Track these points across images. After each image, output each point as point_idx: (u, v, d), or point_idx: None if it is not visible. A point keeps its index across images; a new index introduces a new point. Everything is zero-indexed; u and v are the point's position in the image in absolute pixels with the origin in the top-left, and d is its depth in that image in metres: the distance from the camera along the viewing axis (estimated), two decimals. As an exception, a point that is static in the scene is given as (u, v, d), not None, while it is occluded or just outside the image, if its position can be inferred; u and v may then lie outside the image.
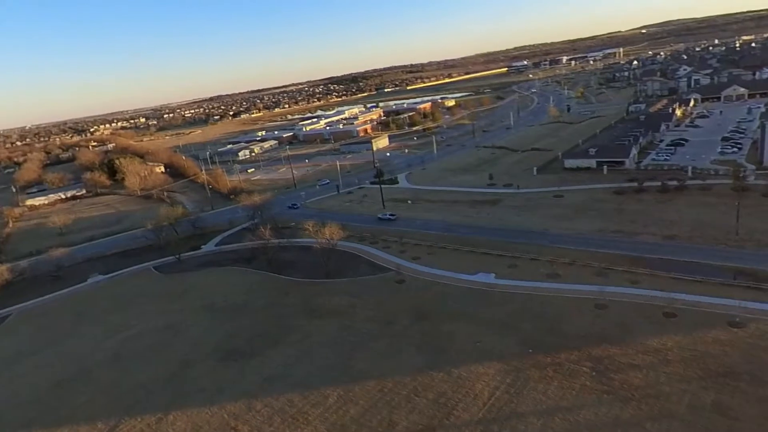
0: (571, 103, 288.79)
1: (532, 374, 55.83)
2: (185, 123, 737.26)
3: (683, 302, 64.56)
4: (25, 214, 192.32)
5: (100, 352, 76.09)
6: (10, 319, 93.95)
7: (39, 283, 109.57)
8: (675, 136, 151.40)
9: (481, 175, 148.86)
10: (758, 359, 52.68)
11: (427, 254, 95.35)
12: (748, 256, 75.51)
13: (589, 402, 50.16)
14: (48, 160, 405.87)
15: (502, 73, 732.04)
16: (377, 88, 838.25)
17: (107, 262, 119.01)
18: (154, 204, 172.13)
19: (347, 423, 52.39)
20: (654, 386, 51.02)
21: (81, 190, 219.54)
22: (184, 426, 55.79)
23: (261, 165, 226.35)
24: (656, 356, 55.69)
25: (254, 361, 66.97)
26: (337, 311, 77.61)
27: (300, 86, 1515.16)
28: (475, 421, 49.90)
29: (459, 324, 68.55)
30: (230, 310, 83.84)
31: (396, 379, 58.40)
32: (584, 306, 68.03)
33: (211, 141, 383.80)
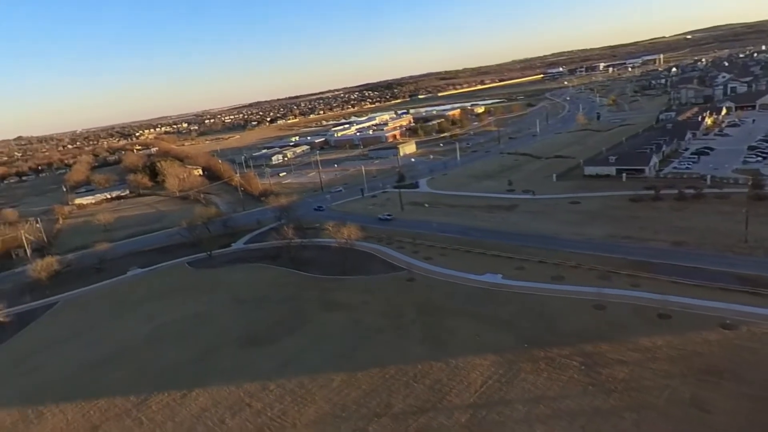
0: (603, 111, 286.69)
1: (525, 366, 59.46)
2: (225, 128, 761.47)
3: (679, 304, 66.79)
4: (74, 212, 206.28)
5: (135, 336, 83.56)
6: (57, 306, 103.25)
7: (84, 274, 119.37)
8: (701, 145, 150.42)
9: (501, 181, 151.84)
10: (743, 359, 54.82)
11: (439, 255, 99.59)
12: (753, 263, 76.62)
13: (574, 393, 53.51)
14: (96, 162, 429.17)
15: (536, 80, 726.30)
16: (410, 94, 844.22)
17: (145, 257, 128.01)
18: (190, 204, 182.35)
19: (348, 403, 57.34)
20: (638, 380, 53.95)
21: (125, 191, 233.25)
22: (205, 401, 61.97)
23: (292, 169, 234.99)
24: (645, 354, 58.43)
25: (271, 348, 72.81)
26: (349, 305, 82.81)
27: (336, 93, 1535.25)
28: (466, 406, 53.99)
29: (462, 320, 72.59)
30: (253, 302, 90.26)
31: (397, 367, 62.99)
32: (583, 306, 70.94)
33: (248, 146, 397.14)
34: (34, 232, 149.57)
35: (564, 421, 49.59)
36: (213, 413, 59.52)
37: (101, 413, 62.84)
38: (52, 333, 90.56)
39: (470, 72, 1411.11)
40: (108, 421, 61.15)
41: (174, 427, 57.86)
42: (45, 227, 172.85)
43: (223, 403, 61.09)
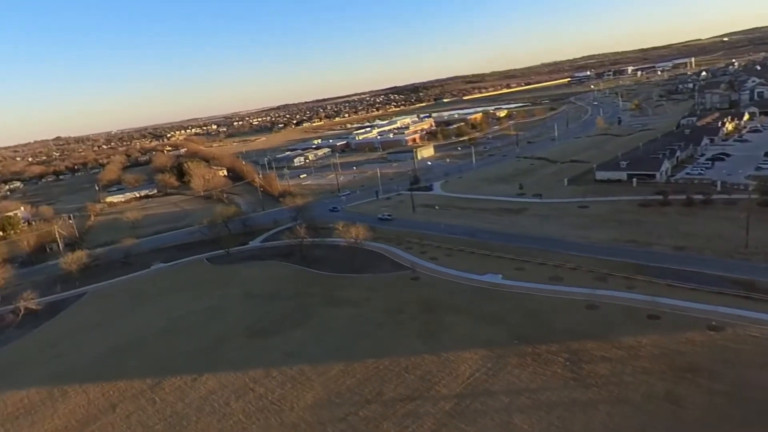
0: (625, 116, 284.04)
1: (512, 361, 62.29)
2: (252, 130, 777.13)
3: (669, 306, 68.61)
4: (105, 209, 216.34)
5: (154, 326, 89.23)
6: (85, 297, 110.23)
7: (111, 268, 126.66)
8: (718, 151, 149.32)
9: (514, 184, 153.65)
10: (723, 358, 56.51)
11: (445, 256, 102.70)
12: (750, 268, 77.52)
13: (555, 386, 56.16)
14: (128, 162, 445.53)
15: (563, 84, 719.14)
16: (435, 98, 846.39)
17: (168, 253, 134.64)
18: (213, 204, 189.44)
19: (343, 390, 61.19)
20: (618, 376, 56.24)
21: (153, 190, 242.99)
22: (212, 385, 66.72)
23: (312, 171, 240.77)
24: (628, 352, 60.58)
25: (277, 339, 77.23)
26: (353, 301, 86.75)
27: (362, 96, 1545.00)
28: (452, 395, 57.19)
29: (459, 317, 75.65)
30: (264, 296, 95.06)
31: (392, 358, 66.55)
32: (576, 306, 73.18)
33: (273, 148, 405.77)
34: (66, 228, 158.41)
35: (542, 411, 52.35)
36: (219, 396, 64.17)
37: (119, 393, 68.26)
38: (79, 321, 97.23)
39: (497, 75, 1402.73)
40: (125, 400, 66.47)
41: (183, 407, 62.68)
42: (77, 223, 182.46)
43: (229, 387, 65.70)
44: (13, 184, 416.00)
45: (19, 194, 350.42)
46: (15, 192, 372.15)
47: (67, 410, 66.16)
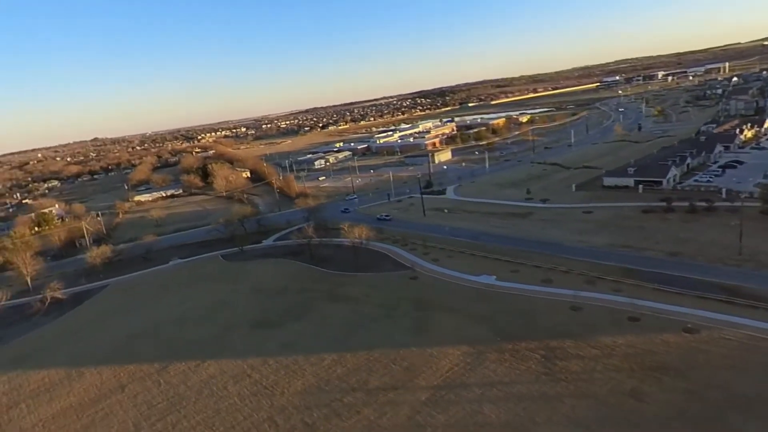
0: (647, 122, 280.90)
1: (491, 356, 65.49)
2: (279, 133, 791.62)
3: (650, 309, 70.57)
4: (133, 207, 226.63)
5: (168, 316, 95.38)
6: (107, 288, 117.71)
7: (133, 263, 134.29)
8: (731, 158, 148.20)
9: (523, 189, 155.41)
10: (692, 359, 58.55)
11: (446, 257, 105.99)
12: (738, 274, 78.58)
13: (527, 380, 59.19)
14: (158, 163, 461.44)
15: (590, 89, 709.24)
16: (461, 102, 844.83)
17: (187, 250, 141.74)
18: (234, 204, 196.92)
19: (332, 379, 65.49)
20: (588, 373, 58.91)
21: (178, 190, 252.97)
22: (213, 371, 71.94)
23: (331, 174, 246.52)
24: (603, 350, 63.07)
25: (278, 331, 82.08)
26: (353, 298, 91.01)
27: (390, 99, 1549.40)
28: (430, 386, 60.81)
29: (449, 314, 79.06)
30: (271, 291, 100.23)
31: (381, 351, 70.51)
32: (561, 307, 75.74)
33: (297, 150, 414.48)
34: (94, 225, 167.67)
35: (511, 402, 55.51)
36: (218, 380, 69.31)
37: (129, 375, 74.21)
38: (100, 311, 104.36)
39: (526, 80, 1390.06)
40: (134, 382, 72.32)
41: (185, 389, 68.04)
42: (106, 221, 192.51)
43: (228, 373, 70.81)
44: (51, 182, 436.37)
45: (56, 192, 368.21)
46: (53, 190, 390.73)
47: (81, 389, 72.42)
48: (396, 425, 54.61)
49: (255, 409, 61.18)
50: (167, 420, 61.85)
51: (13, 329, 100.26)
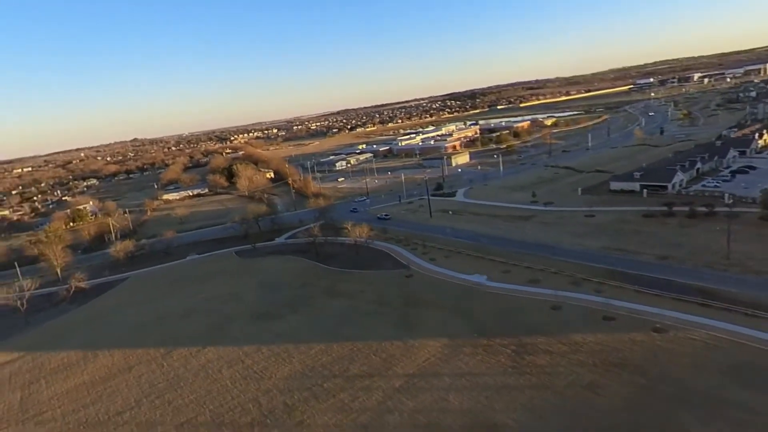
0: (673, 126, 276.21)
1: (466, 350, 69.12)
2: (308, 134, 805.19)
3: (626, 309, 72.89)
4: (161, 205, 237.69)
5: (178, 306, 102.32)
6: (127, 281, 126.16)
7: (153, 257, 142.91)
8: (745, 164, 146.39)
9: (533, 193, 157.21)
10: (653, 357, 60.88)
11: (443, 257, 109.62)
12: (719, 278, 79.62)
13: (494, 372, 62.69)
14: (190, 163, 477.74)
15: (623, 91, 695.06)
16: (490, 105, 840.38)
17: (204, 246, 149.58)
18: (255, 203, 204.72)
19: (316, 366, 70.42)
20: (552, 367, 61.95)
21: (204, 189, 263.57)
22: (211, 356, 77.92)
23: (350, 175, 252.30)
24: (571, 347, 65.88)
25: (275, 322, 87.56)
26: (349, 293, 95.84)
27: (421, 101, 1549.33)
28: (405, 375, 64.97)
29: (435, 311, 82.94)
30: (275, 286, 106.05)
31: (365, 342, 75.01)
32: (542, 306, 78.59)
33: (323, 152, 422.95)
34: (122, 221, 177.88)
35: (475, 392, 59.17)
36: (215, 365, 75.21)
37: (137, 358, 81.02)
38: (119, 300, 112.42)
39: (559, 82, 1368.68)
40: (140, 364, 79.04)
41: (184, 372, 74.20)
42: (135, 218, 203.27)
43: (224, 359, 76.67)
44: (90, 181, 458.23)
45: (94, 190, 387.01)
46: (91, 188, 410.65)
47: (94, 369, 79.62)
48: (366, 408, 59.03)
49: (243, 391, 66.67)
50: (165, 397, 68.00)
51: (42, 315, 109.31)
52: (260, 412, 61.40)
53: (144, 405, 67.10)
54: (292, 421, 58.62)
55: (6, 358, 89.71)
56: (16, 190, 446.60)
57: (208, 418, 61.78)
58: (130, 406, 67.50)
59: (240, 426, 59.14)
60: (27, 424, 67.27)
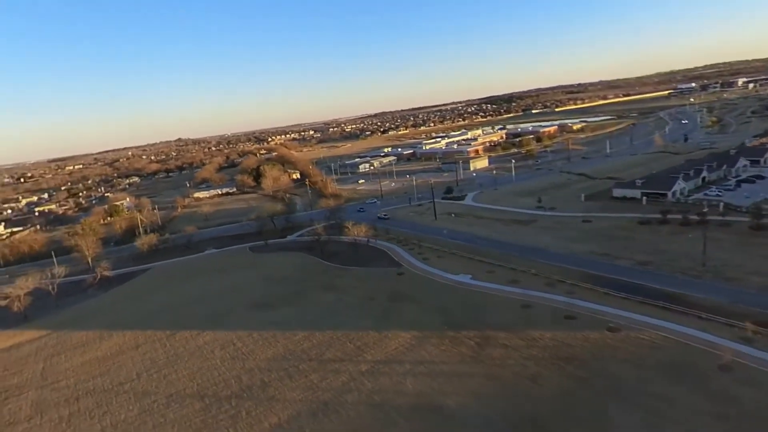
0: (700, 133, 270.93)
1: (432, 341, 74.70)
2: (341, 137, 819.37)
3: (589, 310, 76.74)
4: (191, 203, 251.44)
5: (189, 295, 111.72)
6: (149, 271, 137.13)
7: (175, 250, 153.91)
8: (755, 173, 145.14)
9: (541, 198, 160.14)
10: (600, 353, 64.90)
11: (436, 257, 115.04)
12: (689, 284, 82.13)
13: (452, 360, 68.11)
14: (225, 163, 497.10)
15: (662, 96, 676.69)
16: (524, 109, 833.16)
17: (223, 241, 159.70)
18: (276, 202, 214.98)
19: (297, 350, 77.54)
20: (505, 359, 66.86)
21: (233, 188, 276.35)
22: (208, 339, 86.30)
23: (370, 177, 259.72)
24: (528, 342, 70.53)
25: (270, 312, 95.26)
26: (342, 288, 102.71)
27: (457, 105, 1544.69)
28: (372, 360, 71.16)
29: (414, 305, 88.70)
30: (277, 279, 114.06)
31: (345, 332, 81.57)
32: (513, 304, 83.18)
33: (352, 154, 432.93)
34: (151, 217, 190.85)
35: (430, 377, 64.81)
36: (210, 346, 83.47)
37: (144, 338, 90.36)
38: (139, 288, 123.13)
39: (600, 86, 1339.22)
40: (146, 343, 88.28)
41: (183, 351, 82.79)
42: (166, 214, 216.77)
43: (219, 341, 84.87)
44: (133, 179, 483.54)
45: (134, 188, 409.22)
46: (132, 186, 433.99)
47: (106, 346, 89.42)
48: (331, 388, 65.61)
49: (229, 369, 74.49)
50: (162, 372, 76.63)
51: (70, 299, 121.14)
52: (239, 387, 68.99)
53: (143, 378, 75.91)
54: (265, 395, 65.88)
55: (35, 335, 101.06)
56: (65, 186, 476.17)
57: (194, 391, 69.82)
58: (131, 378, 76.47)
59: (220, 398, 66.88)
60: (44, 389, 77.20)
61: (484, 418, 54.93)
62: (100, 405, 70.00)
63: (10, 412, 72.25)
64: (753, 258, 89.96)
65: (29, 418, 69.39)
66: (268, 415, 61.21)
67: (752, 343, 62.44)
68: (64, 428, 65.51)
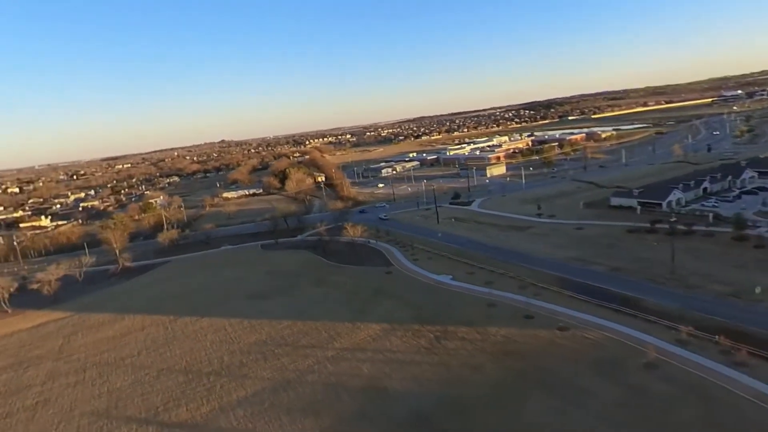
0: (728, 142, 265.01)
1: (398, 333, 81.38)
2: (376, 141, 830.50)
3: (547, 310, 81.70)
4: (218, 202, 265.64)
5: (197, 285, 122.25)
6: (168, 264, 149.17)
7: (194, 246, 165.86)
8: (759, 185, 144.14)
9: (545, 205, 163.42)
10: (541, 348, 70.02)
11: (426, 259, 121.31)
12: (652, 290, 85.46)
13: (409, 350, 74.57)
14: (260, 165, 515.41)
15: (704, 104, 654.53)
16: (560, 116, 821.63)
17: (239, 239, 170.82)
18: (297, 203, 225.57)
19: (277, 337, 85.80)
20: (457, 350, 72.85)
21: (259, 189, 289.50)
22: (205, 324, 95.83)
23: (390, 182, 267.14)
24: (483, 337, 76.15)
25: (263, 302, 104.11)
26: (332, 283, 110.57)
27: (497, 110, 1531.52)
28: (339, 347, 78.52)
29: (391, 301, 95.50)
30: (277, 274, 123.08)
31: (323, 322, 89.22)
32: (481, 303, 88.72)
33: (383, 158, 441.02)
34: (177, 214, 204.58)
35: (383, 363, 71.60)
36: (205, 330, 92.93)
37: (150, 322, 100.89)
38: (156, 279, 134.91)
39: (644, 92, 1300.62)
40: (151, 326, 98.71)
41: (180, 333, 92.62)
42: (195, 212, 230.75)
43: (213, 326, 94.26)
44: (173, 178, 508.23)
45: (173, 187, 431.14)
46: (171, 185, 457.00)
47: (117, 327, 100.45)
48: (298, 369, 73.40)
49: (215, 350, 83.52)
50: (159, 351, 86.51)
51: (95, 285, 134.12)
52: (220, 365, 77.82)
53: (143, 354, 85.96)
54: (240, 373, 74.38)
55: (60, 316, 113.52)
56: (110, 183, 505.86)
57: (182, 367, 79.13)
58: (132, 354, 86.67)
59: (201, 374, 75.86)
60: (59, 361, 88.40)
61: (417, 399, 61.39)
62: (102, 375, 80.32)
63: (29, 377, 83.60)
64: (723, 267, 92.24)
65: (43, 383, 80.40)
66: (237, 390, 69.63)
67: (685, 345, 66.30)
68: (69, 392, 75.98)
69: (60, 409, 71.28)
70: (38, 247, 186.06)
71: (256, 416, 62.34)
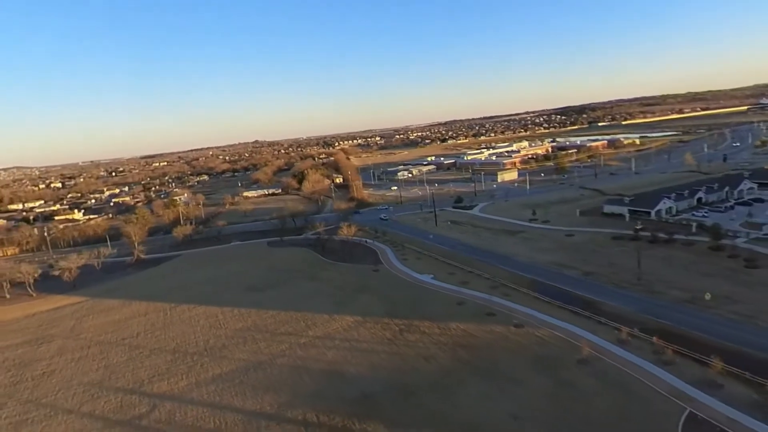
0: (747, 152, 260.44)
1: (368, 325, 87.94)
2: (403, 144, 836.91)
3: (509, 309, 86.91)
4: (237, 201, 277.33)
5: (201, 277, 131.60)
6: (180, 257, 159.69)
7: (206, 241, 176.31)
8: (756, 196, 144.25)
9: (543, 211, 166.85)
10: (493, 342, 75.37)
11: (415, 258, 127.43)
12: (614, 294, 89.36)
13: (373, 341, 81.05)
14: (285, 165, 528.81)
15: (740, 112, 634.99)
16: (590, 121, 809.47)
17: (249, 235, 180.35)
18: (311, 203, 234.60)
19: (260, 325, 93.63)
20: (416, 342, 78.86)
21: (278, 189, 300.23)
22: (200, 312, 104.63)
23: (402, 185, 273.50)
24: (443, 330, 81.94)
25: (257, 294, 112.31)
26: (322, 279, 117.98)
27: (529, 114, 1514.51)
28: (312, 336, 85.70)
29: (371, 296, 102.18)
30: (276, 268, 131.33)
31: (304, 313, 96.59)
32: (451, 301, 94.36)
33: (405, 161, 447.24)
34: (194, 211, 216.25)
35: (346, 351, 78.34)
36: (199, 317, 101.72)
37: (153, 309, 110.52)
38: (166, 270, 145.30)
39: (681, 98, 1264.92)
40: (153, 312, 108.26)
41: (177, 319, 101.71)
42: (215, 209, 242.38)
43: (207, 314, 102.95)
44: (202, 177, 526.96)
45: (201, 185, 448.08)
46: (200, 183, 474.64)
47: (123, 312, 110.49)
48: (271, 353, 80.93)
49: (204, 334, 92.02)
50: (155, 333, 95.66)
51: (111, 275, 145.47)
52: (204, 347, 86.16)
53: (140, 336, 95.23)
54: (219, 354, 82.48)
55: (76, 300, 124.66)
56: (144, 180, 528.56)
57: (171, 348, 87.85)
58: (132, 335, 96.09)
59: (186, 353, 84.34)
60: (69, 339, 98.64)
61: (369, 382, 67.88)
62: (103, 352, 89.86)
63: (41, 352, 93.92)
64: (690, 275, 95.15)
65: (52, 357, 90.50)
66: (214, 368, 77.69)
67: (623, 344, 70.67)
68: (72, 366, 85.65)
69: (62, 378, 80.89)
70: (68, 239, 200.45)
71: (224, 391, 70.11)
